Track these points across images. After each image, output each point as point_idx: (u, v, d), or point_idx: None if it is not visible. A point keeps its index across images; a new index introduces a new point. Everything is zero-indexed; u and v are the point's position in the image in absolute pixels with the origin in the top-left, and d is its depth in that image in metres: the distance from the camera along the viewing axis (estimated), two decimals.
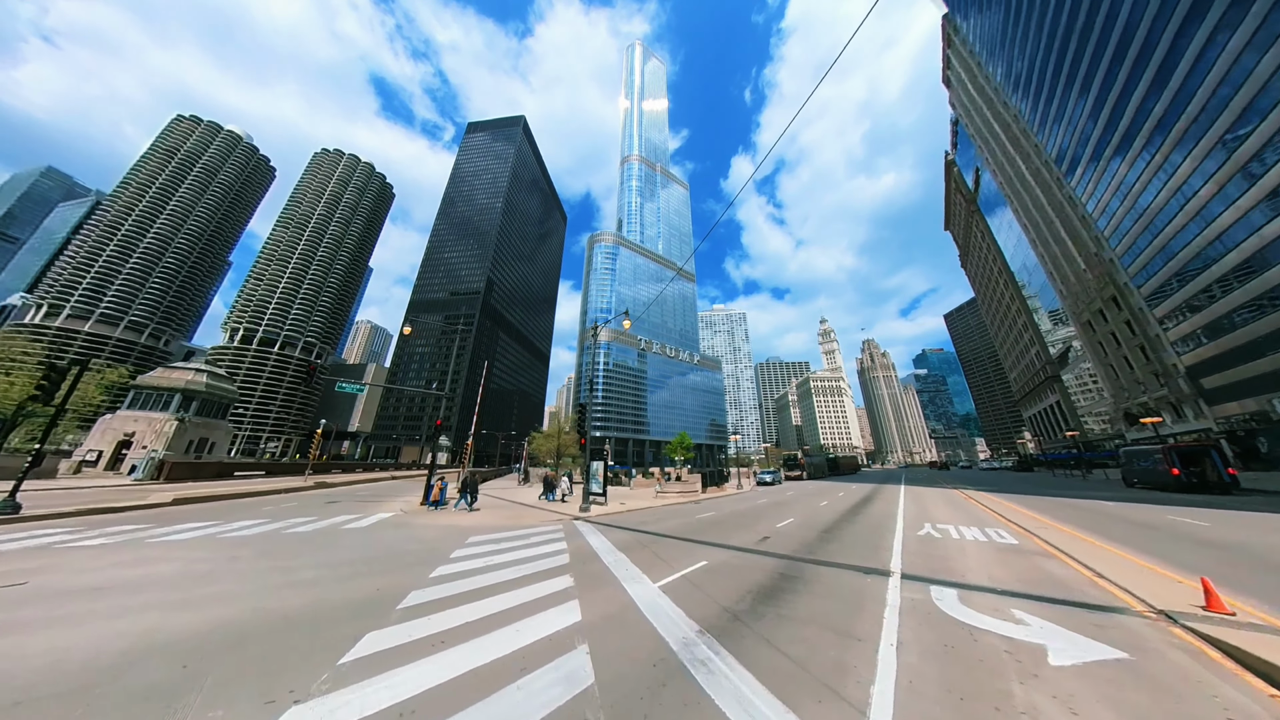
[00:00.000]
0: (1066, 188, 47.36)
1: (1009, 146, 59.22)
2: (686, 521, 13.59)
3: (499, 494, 22.10)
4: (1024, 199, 59.57)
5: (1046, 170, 50.75)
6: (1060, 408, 71.06)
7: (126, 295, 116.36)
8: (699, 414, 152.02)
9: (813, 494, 25.81)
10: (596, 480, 17.74)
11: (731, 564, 7.74)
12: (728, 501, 20.96)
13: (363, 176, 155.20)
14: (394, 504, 16.77)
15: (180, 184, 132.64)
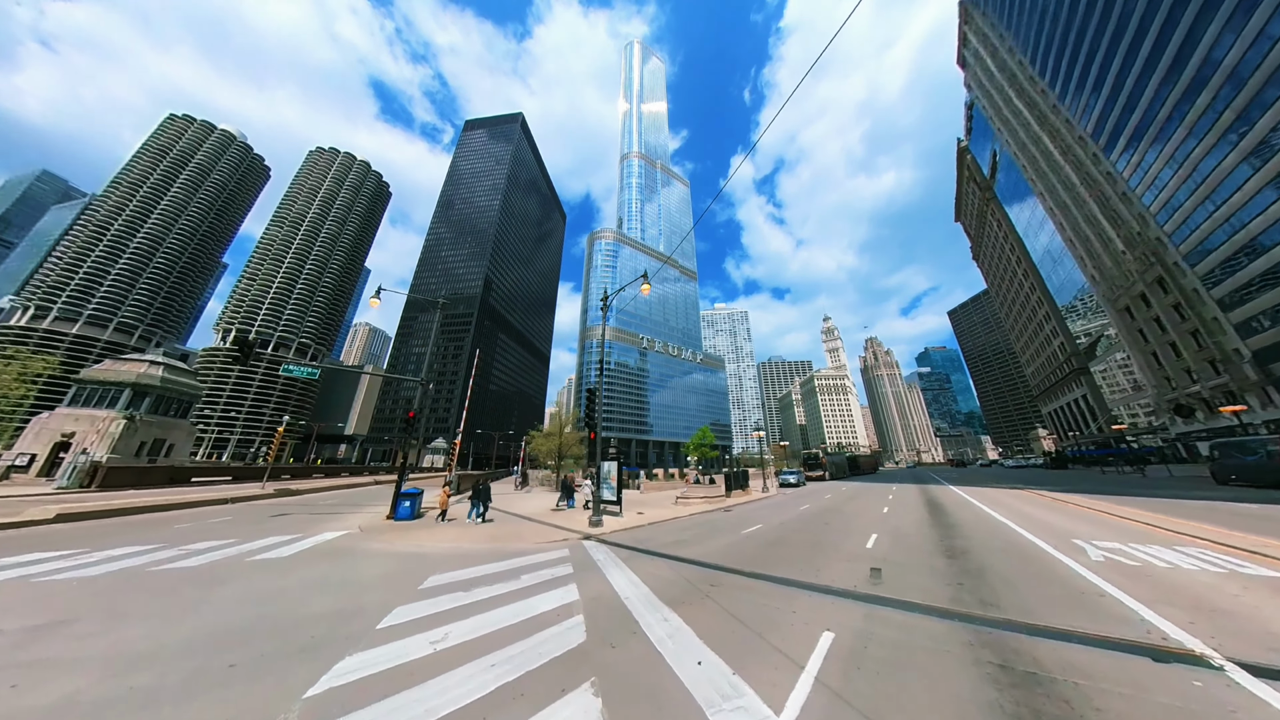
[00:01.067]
0: (1105, 163, 43.99)
1: (1034, 125, 55.88)
2: (733, 541, 10.18)
3: (500, 497, 18.76)
4: (1050, 180, 56.18)
5: (1080, 146, 47.37)
6: (1087, 402, 67.48)
7: (115, 297, 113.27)
8: (702, 414, 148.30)
9: (853, 496, 22.40)
10: (609, 486, 14.42)
11: (880, 637, 4.33)
12: (762, 508, 17.56)
13: (358, 175, 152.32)
14: (355, 518, 13.37)
15: (172, 183, 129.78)
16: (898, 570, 7.01)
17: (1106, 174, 44.44)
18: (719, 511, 16.53)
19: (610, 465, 14.72)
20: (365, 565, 7.41)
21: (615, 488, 14.23)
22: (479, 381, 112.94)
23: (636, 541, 10.07)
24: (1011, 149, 65.58)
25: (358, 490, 23.98)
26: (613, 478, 14.50)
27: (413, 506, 12.45)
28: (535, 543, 9.65)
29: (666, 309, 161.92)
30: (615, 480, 14.35)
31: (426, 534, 10.52)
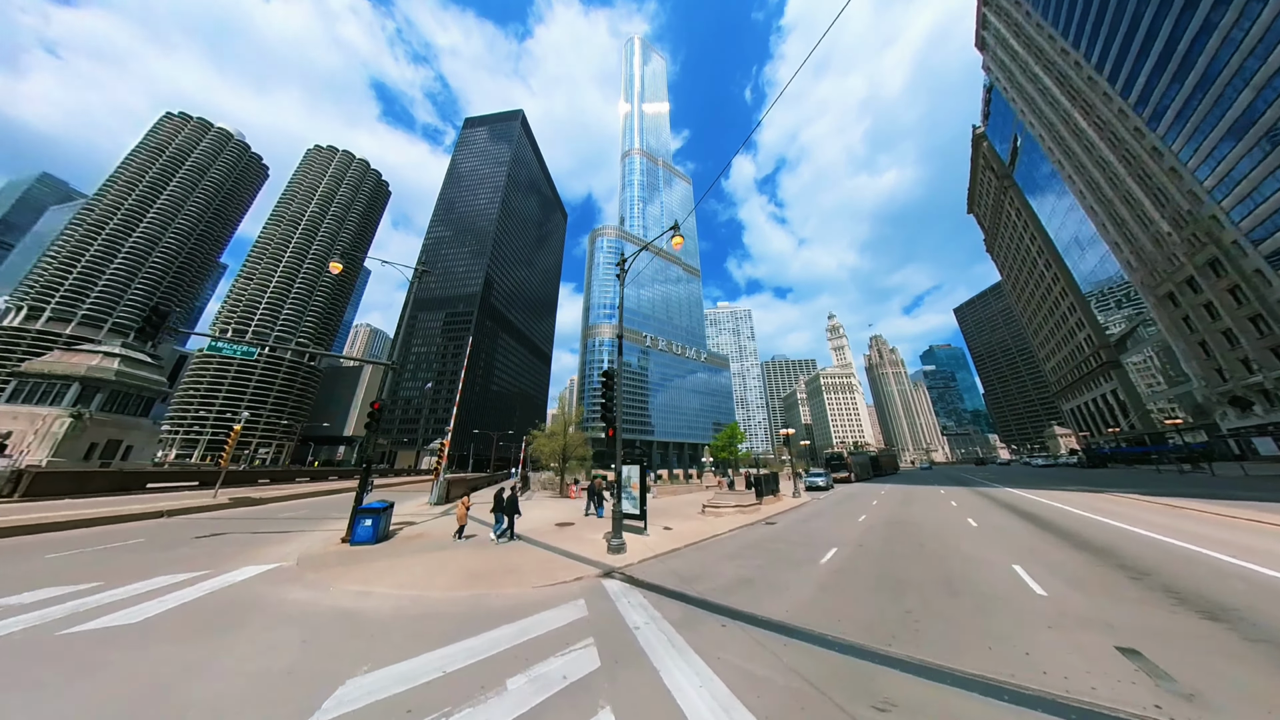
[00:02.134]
0: (1150, 137, 40.72)
1: (1064, 102, 52.58)
2: (820, 579, 7.19)
3: (479, 513, 15.81)
4: (1081, 161, 52.88)
5: (1120, 120, 44.08)
6: (1117, 397, 63.99)
7: (110, 297, 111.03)
8: (707, 413, 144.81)
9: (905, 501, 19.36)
10: (631, 495, 11.77)
11: None
12: (811, 519, 14.57)
13: (357, 173, 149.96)
14: (303, 539, 10.43)
15: (168, 182, 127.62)
16: (1165, 650, 3.98)
17: (1152, 149, 41.16)
18: (761, 525, 13.53)
19: (631, 470, 11.82)
20: (247, 646, 4.42)
21: (638, 498, 11.24)
22: (481, 382, 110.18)
23: (680, 580, 7.08)
24: (1036, 131, 62.27)
25: (334, 498, 21.17)
26: (634, 485, 11.56)
27: (376, 526, 9.48)
28: (536, 585, 6.67)
29: (670, 307, 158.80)
30: (638, 489, 11.35)
31: (383, 570, 7.54)
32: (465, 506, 11.02)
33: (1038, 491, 22.20)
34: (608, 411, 9.84)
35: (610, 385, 9.91)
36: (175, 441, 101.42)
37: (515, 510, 10.89)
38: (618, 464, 9.83)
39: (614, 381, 9.80)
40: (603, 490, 16.45)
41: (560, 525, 12.82)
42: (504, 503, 10.76)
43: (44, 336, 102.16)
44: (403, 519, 13.85)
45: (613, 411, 9.78)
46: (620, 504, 9.72)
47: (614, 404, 9.78)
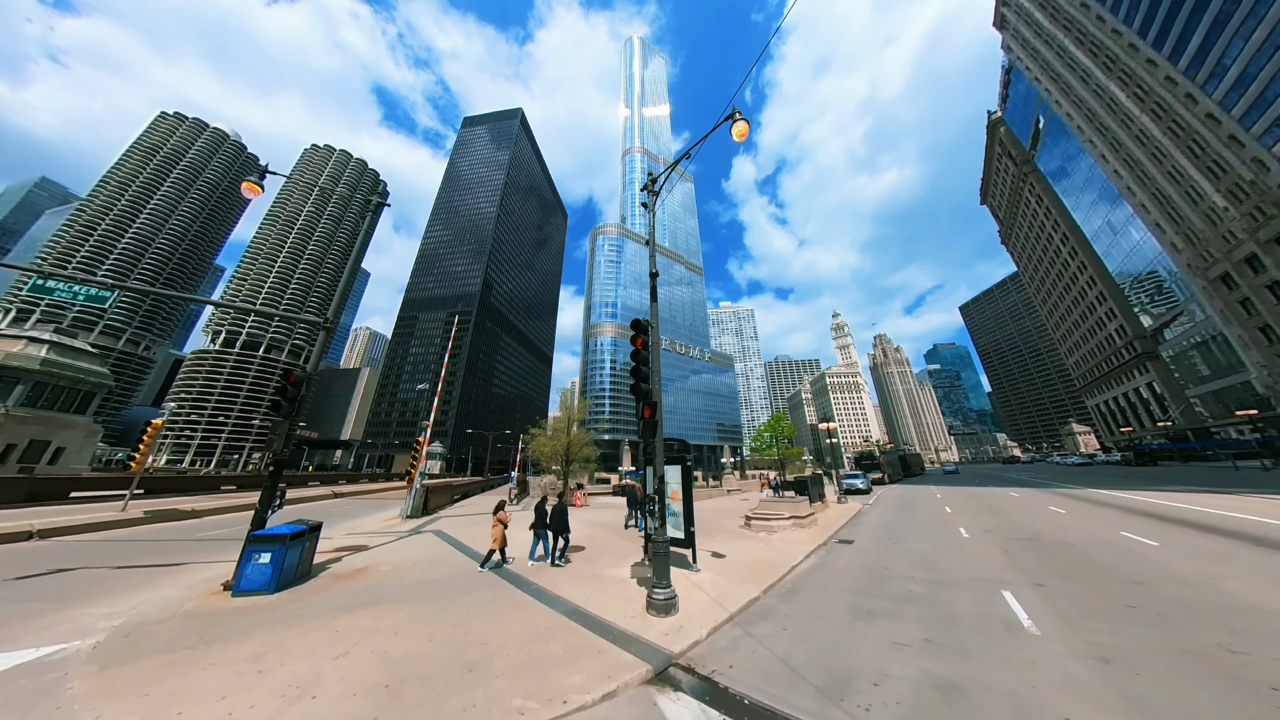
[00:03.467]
0: (1205, 102, 37.23)
1: (1098, 74, 49.15)
2: (1060, 664, 3.76)
3: (465, 530, 12.59)
4: (1117, 137, 49.38)
5: (1166, 88, 40.61)
6: (1153, 390, 60.23)
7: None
8: (711, 414, 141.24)
9: (992, 509, 15.73)
10: (673, 511, 8.42)
11: None
12: (900, 538, 10.99)
13: (354, 173, 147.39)
14: (179, 579, 6.99)
15: (161, 183, 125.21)
16: None
17: (1206, 116, 37.65)
18: (836, 545, 10.32)
19: (672, 473, 8.48)
20: None
21: (682, 514, 7.87)
22: (480, 383, 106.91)
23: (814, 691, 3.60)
24: (1063, 110, 58.83)
25: (291, 509, 17.80)
26: (674, 495, 8.35)
27: (279, 564, 6.01)
28: (525, 698, 3.19)
29: (673, 306, 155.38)
30: (680, 500, 7.99)
31: (242, 663, 4.10)
32: (503, 524, 8.22)
33: (1141, 493, 18.61)
34: (642, 382, 6.34)
35: (644, 342, 6.44)
36: (166, 445, 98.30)
37: (564, 527, 8.56)
38: (657, 462, 6.32)
39: (651, 339, 6.34)
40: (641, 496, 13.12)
41: (640, 530, 9.57)
42: (546, 516, 8.52)
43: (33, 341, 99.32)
44: (354, 539, 10.65)
45: (649, 382, 6.30)
46: (659, 524, 6.40)
47: (651, 369, 6.30)
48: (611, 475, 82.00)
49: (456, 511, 18.07)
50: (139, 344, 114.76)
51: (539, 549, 8.57)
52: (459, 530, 12.46)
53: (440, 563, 8.37)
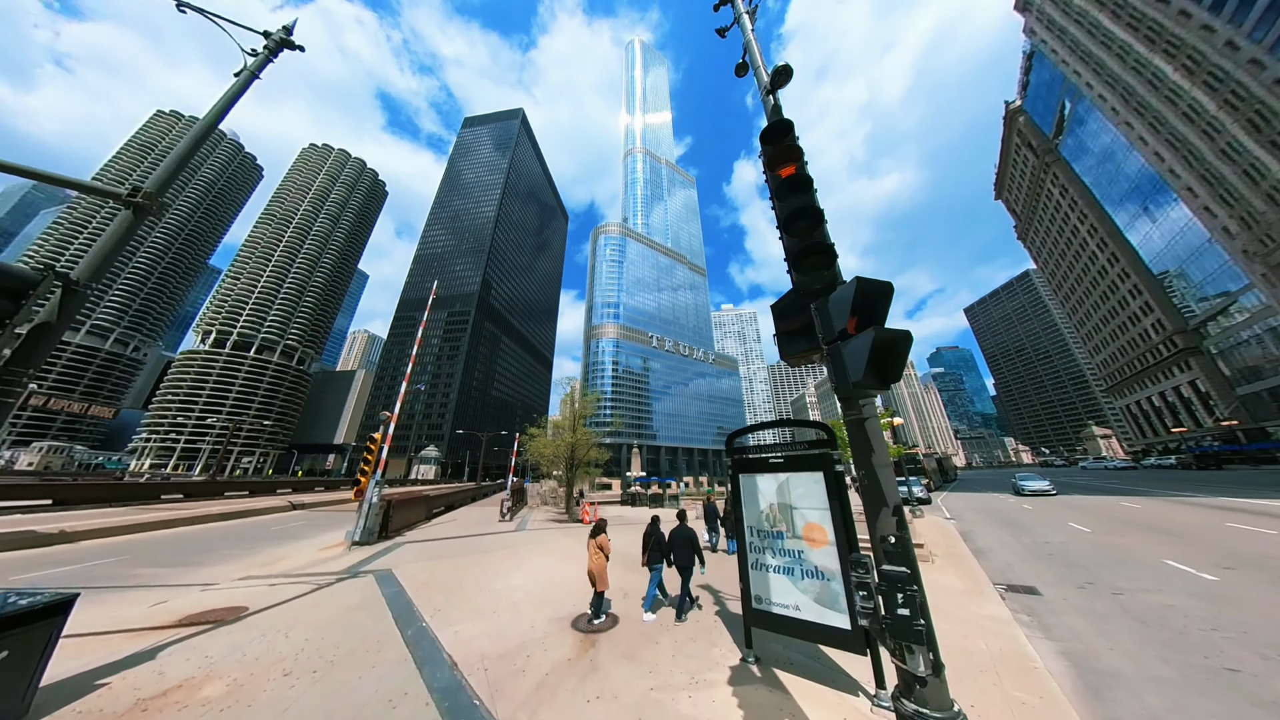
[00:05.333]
0: (1273, 66, 33.93)
1: (1140, 48, 46.04)
2: None
3: (438, 571, 8.61)
4: (1161, 114, 46.14)
5: (1225, 55, 37.36)
6: (1197, 388, 56.44)
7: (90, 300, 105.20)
8: (714, 418, 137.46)
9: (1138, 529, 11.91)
10: (823, 571, 4.29)
11: None
12: (1104, 586, 7.49)
13: (353, 172, 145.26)
14: None
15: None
16: None
17: (1275, 81, 34.32)
18: (1018, 595, 7.19)
19: (805, 483, 4.67)
20: None
21: (843, 575, 4.08)
22: (479, 386, 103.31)
23: None
24: (1094, 92, 55.70)
25: (228, 525, 14.23)
26: (814, 537, 4.43)
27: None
28: None
29: (677, 307, 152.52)
30: (834, 548, 4.25)
31: None
32: (604, 553, 5.91)
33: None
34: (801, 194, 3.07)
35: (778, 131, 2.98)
36: (151, 449, 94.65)
37: (690, 559, 6.24)
38: (850, 366, 2.87)
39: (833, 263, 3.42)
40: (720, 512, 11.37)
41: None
42: (663, 544, 6.40)
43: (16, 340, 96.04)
44: (239, 591, 6.84)
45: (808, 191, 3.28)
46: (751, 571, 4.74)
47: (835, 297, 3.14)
48: (614, 481, 78.09)
49: (431, 533, 13.98)
50: (128, 344, 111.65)
51: (656, 592, 6.20)
52: (425, 573, 8.29)
53: (356, 664, 4.37)
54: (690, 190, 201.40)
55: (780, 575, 4.50)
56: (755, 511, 4.87)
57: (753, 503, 4.92)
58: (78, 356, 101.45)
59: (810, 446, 4.70)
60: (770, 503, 4.80)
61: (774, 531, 4.69)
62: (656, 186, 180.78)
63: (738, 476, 5.12)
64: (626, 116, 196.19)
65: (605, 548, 5.96)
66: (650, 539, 6.41)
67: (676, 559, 6.24)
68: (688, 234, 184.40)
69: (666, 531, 6.47)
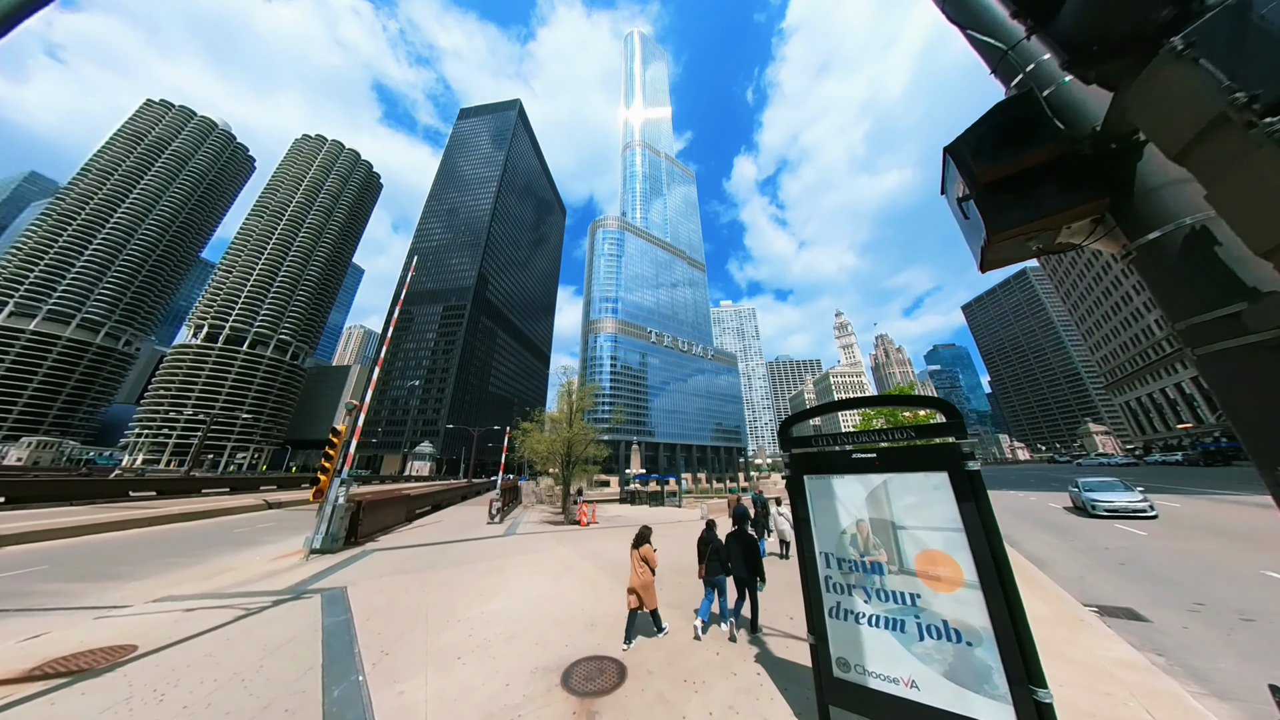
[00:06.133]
0: None
1: None
2: None
3: (407, 590, 7.23)
4: None
5: None
6: (1200, 385, 55.93)
7: (80, 291, 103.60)
8: (712, 415, 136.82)
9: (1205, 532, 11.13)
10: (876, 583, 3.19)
11: None
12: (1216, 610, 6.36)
13: (346, 164, 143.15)
14: None
15: (146, 171, 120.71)
16: None
17: None
18: (1117, 621, 6.11)
19: (926, 485, 3.15)
20: None
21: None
22: (476, 381, 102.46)
23: None
24: None
25: (178, 531, 13.00)
26: (943, 575, 2.95)
27: None
28: None
29: (676, 303, 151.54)
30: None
31: None
32: (651, 566, 5.17)
33: None
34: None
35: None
36: (143, 445, 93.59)
37: (750, 571, 5.41)
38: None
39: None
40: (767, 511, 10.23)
41: (586, 695, 4.03)
42: (722, 553, 5.54)
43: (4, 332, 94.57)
44: (149, 617, 5.82)
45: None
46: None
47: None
48: (613, 478, 77.46)
49: (409, 538, 12.66)
50: (119, 338, 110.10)
51: (714, 606, 5.45)
52: (386, 593, 7.00)
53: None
54: (690, 186, 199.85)
55: (882, 630, 3.07)
56: (832, 530, 3.47)
57: (828, 518, 3.53)
58: (69, 350, 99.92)
59: (924, 434, 3.34)
60: (858, 518, 3.36)
61: (867, 563, 3.24)
62: (656, 181, 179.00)
63: (801, 479, 3.73)
64: (625, 110, 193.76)
65: (651, 560, 5.18)
66: (708, 546, 5.60)
67: (736, 571, 5.47)
68: (687, 229, 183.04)
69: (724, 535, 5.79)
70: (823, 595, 3.37)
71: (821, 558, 3.46)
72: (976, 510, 2.83)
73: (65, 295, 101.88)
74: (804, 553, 3.54)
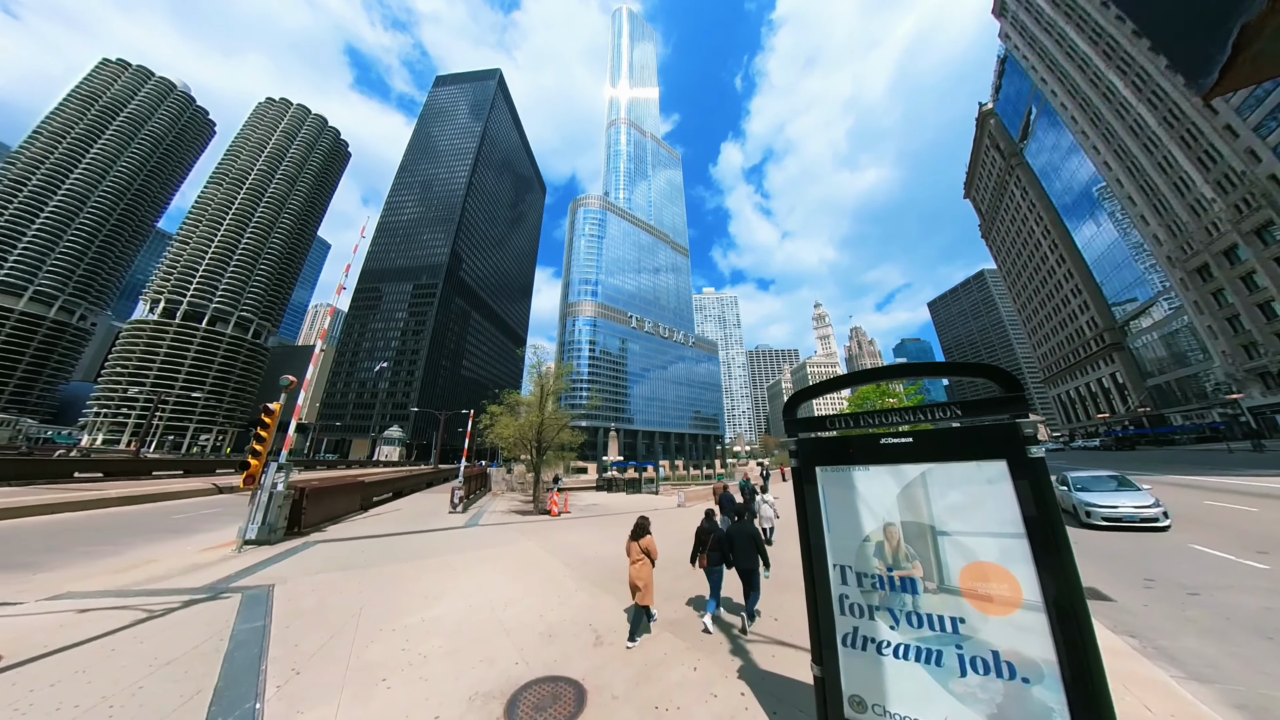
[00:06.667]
0: None
1: (1098, 61, 47.65)
2: None
3: (343, 590, 6.55)
4: (1111, 126, 48.37)
5: (1167, 76, 39.23)
6: (1116, 380, 61.56)
7: (31, 262, 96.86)
8: (690, 403, 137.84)
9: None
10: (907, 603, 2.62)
11: None
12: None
13: (313, 130, 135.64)
14: None
15: (100, 135, 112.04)
16: None
17: (1205, 105, 36.40)
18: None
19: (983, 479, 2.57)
20: None
21: None
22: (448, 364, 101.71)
23: None
24: (1057, 100, 57.52)
25: (112, 515, 12.39)
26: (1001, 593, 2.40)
27: None
28: None
29: (658, 288, 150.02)
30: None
31: None
32: (651, 558, 5.04)
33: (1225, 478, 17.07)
34: None
35: None
36: (103, 424, 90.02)
37: (754, 561, 5.29)
38: None
39: None
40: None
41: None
42: (724, 543, 5.44)
43: None
44: (51, 613, 5.39)
45: None
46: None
47: None
48: (590, 465, 78.98)
49: (361, 528, 12.06)
50: (74, 313, 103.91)
51: (717, 601, 5.43)
52: (318, 593, 6.36)
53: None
54: (676, 169, 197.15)
55: (912, 663, 2.48)
56: (852, 537, 2.79)
57: (847, 521, 2.84)
58: (21, 325, 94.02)
59: (972, 411, 2.73)
60: (886, 521, 2.71)
61: (896, 578, 2.61)
62: (640, 162, 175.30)
63: (813, 470, 3.00)
64: (611, 88, 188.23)
65: (653, 551, 4.99)
66: (708, 536, 5.48)
67: (738, 561, 5.32)
68: (671, 213, 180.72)
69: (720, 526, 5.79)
70: (835, 619, 2.70)
71: (836, 572, 2.77)
72: (1041, 509, 2.30)
73: (16, 266, 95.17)
74: (811, 565, 2.84)
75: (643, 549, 4.98)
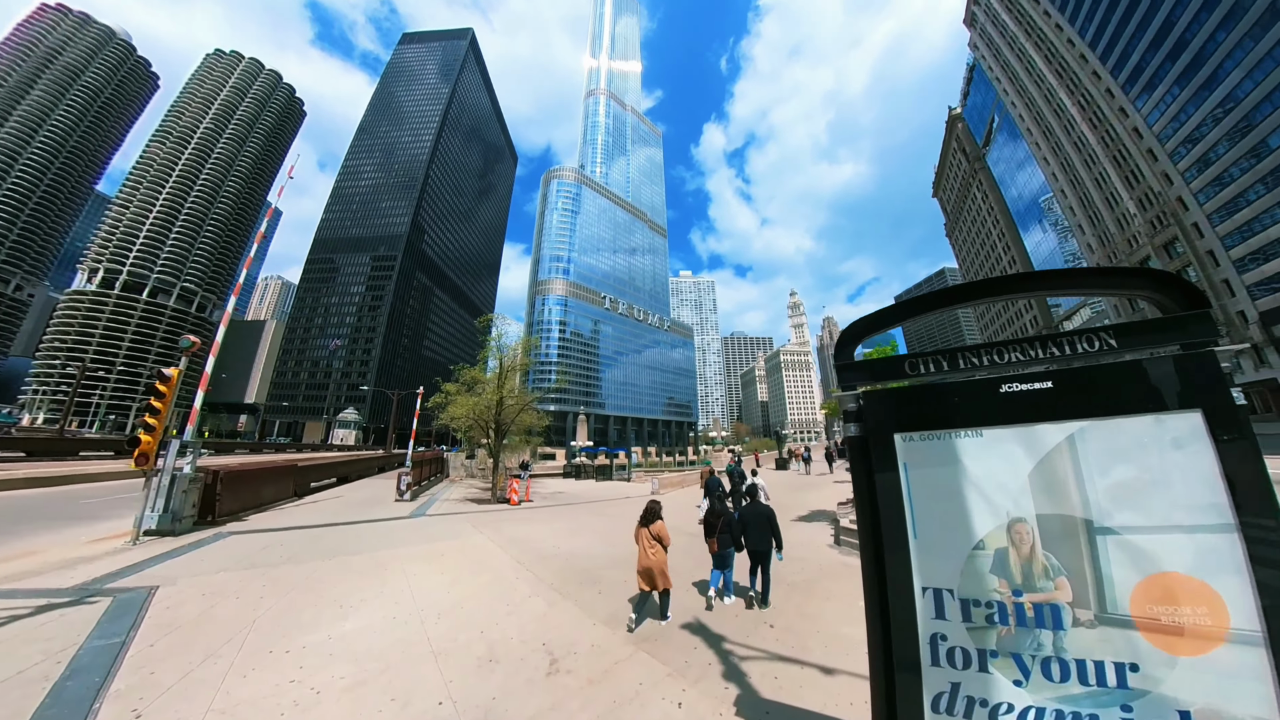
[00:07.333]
0: (1134, 116, 38.29)
1: (1051, 79, 49.61)
2: None
3: (283, 567, 6.57)
4: (1059, 140, 50.90)
5: (1106, 99, 41.43)
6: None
7: None
8: (664, 388, 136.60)
9: None
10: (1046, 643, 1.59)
11: None
12: None
13: (265, 87, 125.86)
14: None
15: (32, 86, 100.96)
16: None
17: (1133, 129, 38.77)
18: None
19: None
20: None
21: None
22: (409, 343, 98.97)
23: None
24: (1016, 111, 59.45)
25: (13, 499, 11.48)
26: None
27: None
28: None
29: (634, 269, 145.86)
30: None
31: None
32: (664, 544, 4.73)
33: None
34: None
35: None
36: (43, 403, 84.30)
37: (767, 543, 5.19)
38: None
39: None
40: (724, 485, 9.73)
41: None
42: (734, 525, 5.35)
43: None
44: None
45: None
46: None
47: None
48: (559, 451, 79.22)
49: (290, 517, 10.76)
50: (9, 282, 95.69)
51: (721, 580, 5.33)
52: (209, 598, 5.19)
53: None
54: (656, 148, 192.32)
55: None
56: (953, 544, 1.78)
57: (944, 517, 1.83)
58: None
59: (1136, 338, 1.82)
60: (1013, 517, 1.70)
61: (1027, 605, 1.61)
62: (620, 136, 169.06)
63: (889, 440, 1.99)
64: (591, 59, 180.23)
65: (664, 537, 4.72)
66: (719, 518, 5.37)
67: (749, 543, 5.23)
68: (650, 192, 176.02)
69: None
70: (923, 670, 1.69)
71: (927, 599, 1.75)
72: (1259, 486, 1.45)
73: None
74: (882, 592, 1.84)
75: (654, 535, 4.64)
